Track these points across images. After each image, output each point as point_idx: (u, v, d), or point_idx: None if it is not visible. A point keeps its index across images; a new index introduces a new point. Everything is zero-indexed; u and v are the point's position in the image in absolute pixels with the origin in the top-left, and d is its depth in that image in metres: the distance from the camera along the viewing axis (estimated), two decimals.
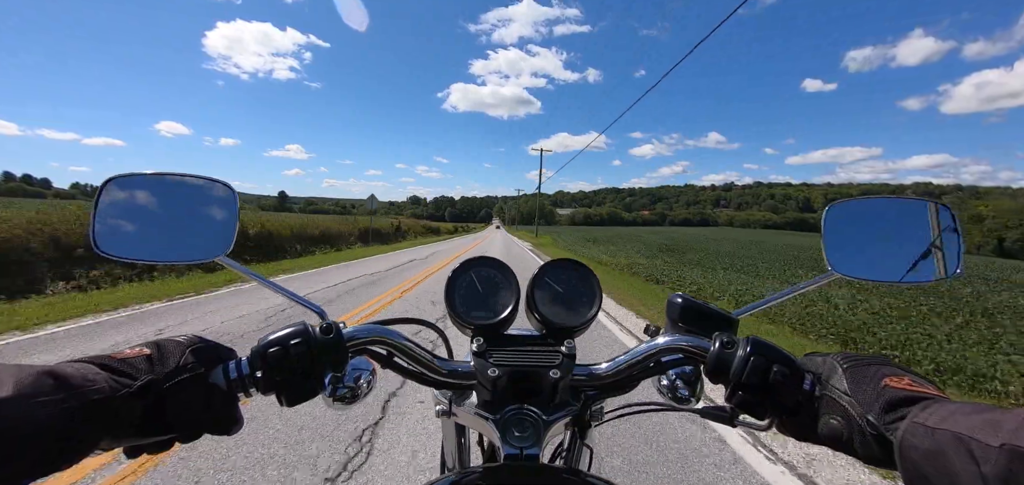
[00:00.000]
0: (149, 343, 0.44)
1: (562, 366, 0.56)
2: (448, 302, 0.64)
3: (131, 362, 0.41)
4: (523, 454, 0.52)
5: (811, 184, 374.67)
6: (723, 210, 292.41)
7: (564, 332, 0.62)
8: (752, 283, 11.47)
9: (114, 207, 0.53)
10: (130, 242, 0.54)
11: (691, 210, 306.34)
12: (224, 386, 0.46)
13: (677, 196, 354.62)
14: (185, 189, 0.57)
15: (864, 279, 0.59)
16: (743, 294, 9.08)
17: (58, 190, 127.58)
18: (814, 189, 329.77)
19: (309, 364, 0.48)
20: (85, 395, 0.36)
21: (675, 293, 0.64)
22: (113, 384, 0.38)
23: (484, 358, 0.57)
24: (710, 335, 0.52)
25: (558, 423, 0.56)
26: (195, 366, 0.44)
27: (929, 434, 0.34)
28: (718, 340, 0.50)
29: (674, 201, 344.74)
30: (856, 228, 0.60)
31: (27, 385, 0.33)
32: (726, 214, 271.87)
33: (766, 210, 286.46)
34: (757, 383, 0.46)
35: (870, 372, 0.43)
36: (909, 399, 0.38)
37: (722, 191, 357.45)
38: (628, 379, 0.59)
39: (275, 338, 0.48)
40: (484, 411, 0.57)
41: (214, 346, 0.48)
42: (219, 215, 0.58)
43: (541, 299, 0.64)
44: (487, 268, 0.67)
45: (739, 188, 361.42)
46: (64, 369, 0.36)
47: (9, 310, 5.55)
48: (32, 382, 0.33)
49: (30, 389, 0.33)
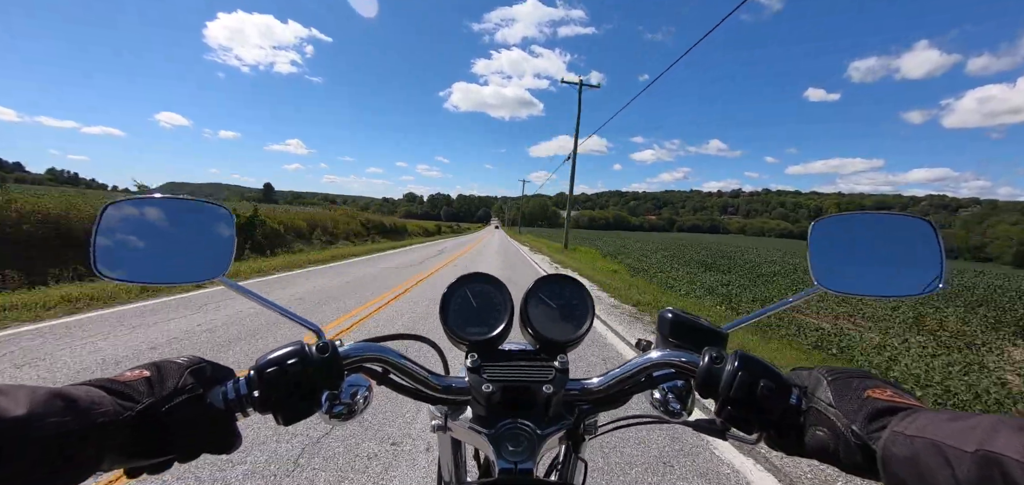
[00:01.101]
0: (149, 364, 0.46)
1: (555, 381, 0.57)
2: (442, 318, 0.65)
3: (132, 385, 0.42)
4: (517, 468, 0.53)
5: (821, 192, 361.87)
6: (732, 217, 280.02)
7: (557, 347, 0.63)
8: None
9: (114, 230, 0.54)
10: (130, 264, 0.55)
11: (699, 216, 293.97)
12: (222, 406, 0.47)
13: (683, 201, 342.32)
14: (183, 212, 0.58)
15: (850, 293, 0.61)
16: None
17: (35, 176, 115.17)
18: (826, 198, 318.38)
19: (306, 383, 0.49)
20: (91, 417, 0.37)
21: (665, 308, 0.65)
22: (117, 407, 0.39)
23: (478, 373, 0.58)
24: (700, 350, 0.53)
25: (552, 437, 0.58)
26: (194, 387, 0.45)
27: (908, 442, 0.35)
28: (707, 355, 0.51)
29: (680, 206, 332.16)
30: (842, 243, 0.61)
31: (39, 405, 0.34)
32: (736, 221, 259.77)
33: (777, 218, 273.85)
34: (745, 397, 0.47)
35: (853, 384, 0.44)
36: (890, 409, 0.39)
37: (729, 197, 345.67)
38: (620, 393, 0.60)
39: (272, 358, 0.49)
40: (479, 426, 0.58)
41: (212, 366, 0.49)
42: (217, 237, 0.59)
43: (535, 315, 0.66)
44: (481, 284, 0.69)
45: (747, 195, 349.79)
46: (73, 391, 0.38)
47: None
48: (44, 403, 0.35)
49: (42, 409, 0.34)
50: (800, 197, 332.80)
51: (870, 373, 0.46)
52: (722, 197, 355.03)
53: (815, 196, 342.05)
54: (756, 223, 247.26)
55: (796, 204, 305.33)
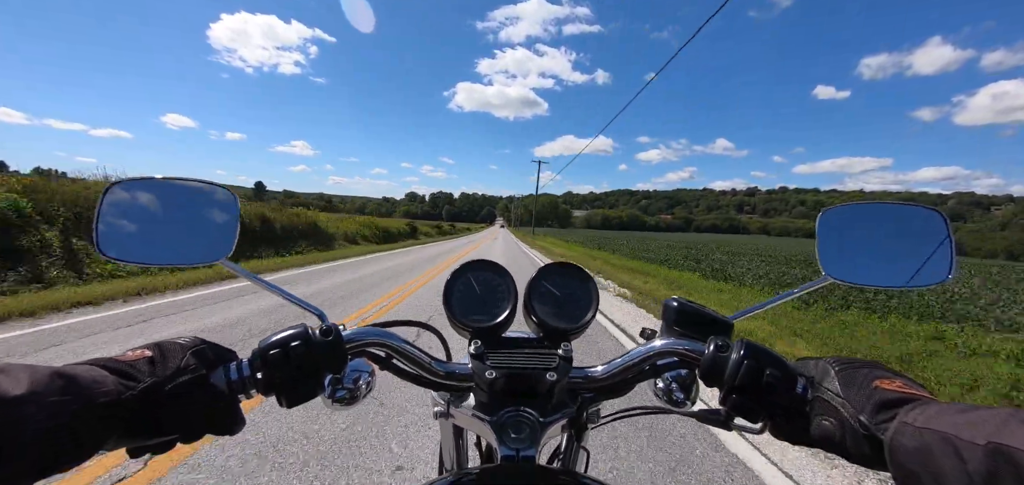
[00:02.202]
0: (151, 345, 0.46)
1: (559, 369, 0.57)
2: (446, 305, 0.65)
3: (135, 364, 0.42)
4: (520, 456, 0.54)
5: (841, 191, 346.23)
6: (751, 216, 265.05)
7: (561, 335, 0.63)
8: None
9: (117, 211, 0.55)
10: (132, 245, 0.56)
11: (714, 215, 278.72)
12: (225, 387, 0.47)
13: (696, 200, 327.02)
14: (187, 193, 0.59)
15: (857, 284, 0.61)
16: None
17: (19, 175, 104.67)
18: (847, 196, 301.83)
19: (309, 366, 0.49)
20: (93, 396, 0.37)
21: (671, 297, 0.65)
22: (119, 386, 0.39)
23: (481, 360, 0.58)
24: (706, 339, 0.53)
25: (555, 425, 0.58)
26: (196, 368, 0.45)
27: (917, 434, 0.35)
28: (713, 344, 0.52)
29: (693, 205, 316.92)
30: (850, 233, 0.61)
31: (40, 385, 0.34)
32: (757, 220, 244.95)
33: (797, 216, 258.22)
34: (750, 386, 0.47)
35: (862, 374, 0.44)
36: (899, 400, 0.39)
37: (744, 196, 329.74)
38: (624, 382, 0.61)
39: (275, 340, 0.49)
40: (481, 413, 0.59)
41: (215, 347, 0.49)
42: (220, 219, 0.60)
43: (538, 302, 0.66)
44: (485, 271, 0.69)
45: (763, 193, 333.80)
46: (74, 371, 0.38)
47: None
48: (45, 382, 0.35)
49: (43, 388, 0.34)
50: (820, 195, 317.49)
51: (879, 363, 0.46)
52: (736, 195, 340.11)
53: (835, 195, 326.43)
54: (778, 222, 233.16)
55: (817, 202, 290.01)
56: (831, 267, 0.60)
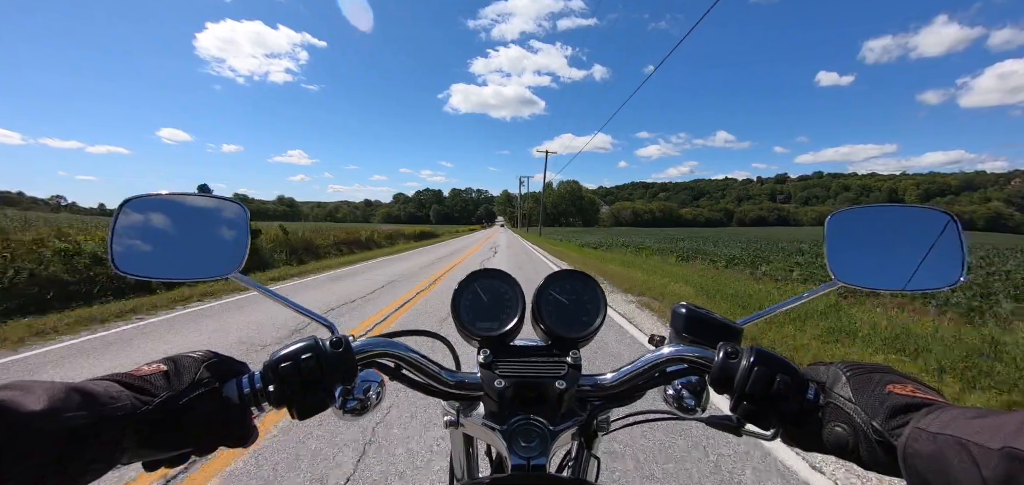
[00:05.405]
0: (166, 359, 0.48)
1: (568, 377, 0.59)
2: (454, 314, 0.67)
3: (150, 379, 0.44)
4: (530, 464, 0.55)
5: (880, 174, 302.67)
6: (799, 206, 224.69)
7: (569, 343, 0.64)
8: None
9: (130, 228, 0.57)
10: (146, 261, 0.58)
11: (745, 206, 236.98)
12: (237, 400, 0.50)
13: (721, 191, 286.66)
14: (198, 209, 0.61)
15: (868, 288, 0.61)
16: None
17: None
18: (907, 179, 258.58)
19: (320, 377, 0.51)
20: (109, 412, 0.38)
21: (679, 303, 0.67)
22: (134, 401, 0.41)
23: (490, 369, 0.60)
24: (715, 345, 0.55)
25: (565, 433, 0.59)
26: (209, 381, 0.47)
27: (931, 439, 0.35)
28: (722, 350, 0.52)
29: (719, 196, 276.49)
30: (859, 237, 0.62)
31: (58, 400, 0.36)
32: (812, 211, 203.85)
33: (842, 204, 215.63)
34: (761, 393, 0.48)
35: (874, 379, 0.44)
36: (913, 405, 0.40)
37: (774, 184, 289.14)
38: (633, 389, 0.62)
39: (286, 353, 0.51)
40: (491, 422, 0.60)
41: (228, 361, 0.52)
42: (231, 233, 0.62)
43: (546, 310, 0.67)
44: (492, 279, 0.70)
45: (794, 181, 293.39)
46: (91, 386, 0.39)
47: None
48: (62, 397, 0.36)
49: (60, 404, 0.35)
50: (858, 179, 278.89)
51: (891, 368, 0.46)
52: (765, 184, 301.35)
53: (876, 178, 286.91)
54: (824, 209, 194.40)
55: (864, 186, 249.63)
56: (841, 271, 0.60)
